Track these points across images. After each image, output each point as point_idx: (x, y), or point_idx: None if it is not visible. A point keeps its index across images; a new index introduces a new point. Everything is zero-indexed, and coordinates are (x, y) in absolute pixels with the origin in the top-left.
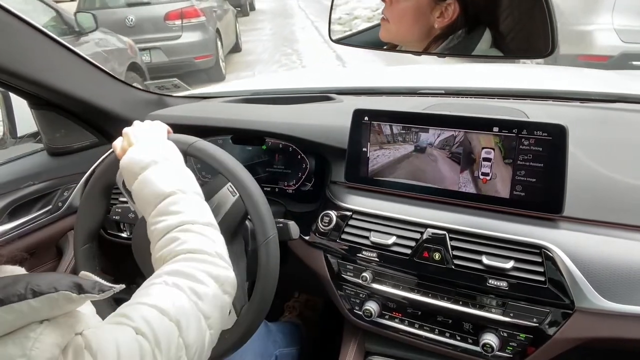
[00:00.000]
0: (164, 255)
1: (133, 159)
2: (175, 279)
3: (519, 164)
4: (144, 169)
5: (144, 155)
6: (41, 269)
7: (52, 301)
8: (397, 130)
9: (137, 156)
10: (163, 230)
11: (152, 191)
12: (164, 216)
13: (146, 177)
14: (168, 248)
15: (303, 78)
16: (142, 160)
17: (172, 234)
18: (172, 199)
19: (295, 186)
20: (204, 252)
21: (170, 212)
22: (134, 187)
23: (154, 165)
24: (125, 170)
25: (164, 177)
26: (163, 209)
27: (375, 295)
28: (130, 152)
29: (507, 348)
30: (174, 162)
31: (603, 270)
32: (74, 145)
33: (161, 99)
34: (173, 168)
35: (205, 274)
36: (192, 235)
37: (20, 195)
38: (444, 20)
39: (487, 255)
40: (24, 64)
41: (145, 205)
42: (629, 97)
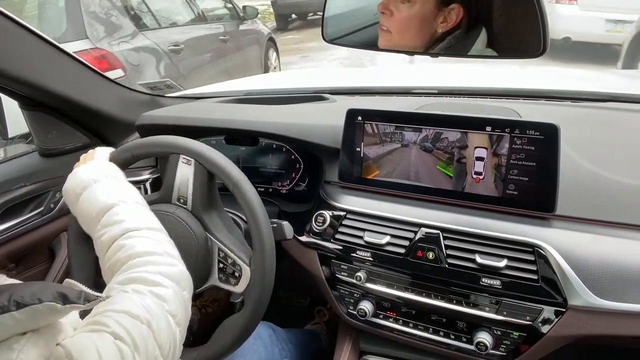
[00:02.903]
0: (112, 265)
1: (73, 180)
2: (132, 286)
3: (511, 163)
4: (85, 188)
5: (82, 176)
6: (33, 271)
7: (37, 313)
8: (390, 130)
9: (75, 179)
10: (108, 240)
11: (95, 206)
12: (107, 227)
13: (88, 195)
14: (115, 256)
15: (296, 78)
16: (83, 179)
17: (117, 243)
18: (114, 210)
19: (289, 186)
20: (153, 254)
21: (113, 223)
22: (77, 209)
23: (94, 183)
24: (67, 193)
25: (104, 191)
26: (105, 221)
27: (369, 295)
28: (69, 177)
29: (500, 346)
30: (114, 177)
31: (595, 268)
32: (66, 147)
33: (154, 100)
34: (113, 183)
35: (160, 274)
36: (137, 240)
37: (11, 197)
38: (447, 25)
39: (480, 254)
40: (14, 64)
41: (90, 223)
42: (621, 97)
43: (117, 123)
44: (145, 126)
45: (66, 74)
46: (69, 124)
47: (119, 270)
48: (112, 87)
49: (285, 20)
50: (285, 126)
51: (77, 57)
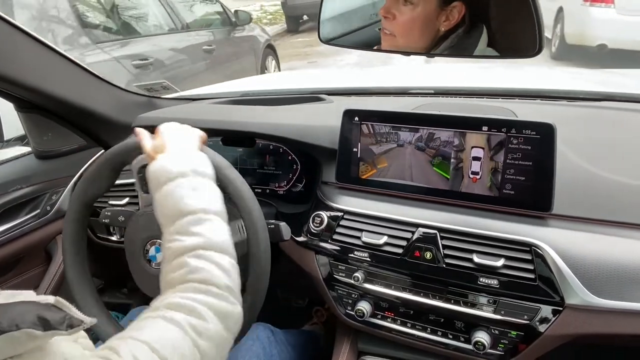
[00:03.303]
0: (172, 281)
1: (162, 167)
2: (174, 313)
3: (508, 163)
4: (170, 180)
5: (173, 165)
6: (30, 274)
7: (14, 340)
8: (387, 130)
9: (167, 165)
10: (176, 251)
11: (174, 206)
12: (180, 236)
13: (171, 190)
14: (178, 273)
15: (293, 79)
16: (171, 171)
17: (184, 258)
18: (193, 218)
19: (286, 187)
20: (213, 284)
21: (188, 233)
22: (156, 197)
23: (182, 178)
24: (152, 176)
25: (188, 193)
26: (181, 228)
27: (367, 295)
28: (161, 159)
29: (498, 345)
30: (203, 177)
31: (592, 267)
32: (62, 149)
33: (150, 101)
34: (200, 184)
35: (209, 309)
36: (205, 264)
37: (7, 199)
38: (450, 23)
39: (477, 253)
40: (10, 66)
41: (164, 219)
42: (616, 96)
43: (114, 125)
44: (141, 128)
45: (62, 75)
46: (65, 126)
47: (174, 289)
48: (109, 88)
49: (296, 22)
50: (282, 127)
51: (72, 58)
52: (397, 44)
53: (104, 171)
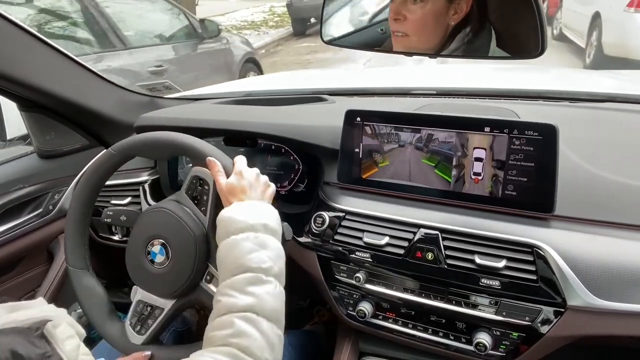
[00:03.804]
0: (214, 339)
1: (235, 217)
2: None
3: (510, 164)
4: (241, 232)
5: (246, 216)
6: (32, 273)
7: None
8: (389, 130)
9: (240, 215)
10: (227, 307)
11: (236, 259)
12: (235, 292)
13: (237, 242)
14: (221, 333)
15: (295, 79)
16: (242, 222)
17: (232, 318)
18: (252, 277)
19: (288, 187)
20: (252, 356)
21: (244, 291)
22: (220, 245)
23: (252, 232)
24: (222, 223)
25: (254, 248)
26: (238, 284)
27: (368, 296)
28: (235, 208)
29: (500, 347)
30: (272, 234)
31: (594, 269)
32: (65, 148)
33: (153, 101)
34: (268, 241)
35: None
36: (251, 330)
37: (10, 198)
38: (459, 16)
39: (479, 254)
40: (14, 66)
41: (223, 269)
42: (618, 97)
43: (116, 124)
44: (144, 127)
45: (64, 75)
46: (68, 125)
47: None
48: (111, 88)
49: (303, 25)
50: (284, 127)
51: (75, 58)
52: (410, 44)
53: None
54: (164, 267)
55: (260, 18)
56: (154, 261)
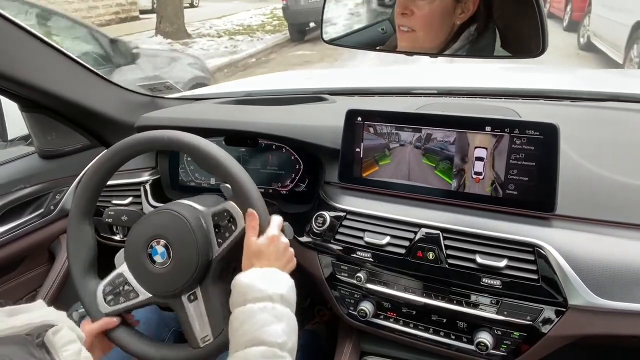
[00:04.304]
0: None
1: (253, 284)
2: None
3: (511, 163)
4: (258, 301)
5: (265, 284)
6: (33, 273)
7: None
8: (390, 130)
9: (259, 283)
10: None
11: (252, 331)
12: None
13: (254, 312)
14: None
15: (296, 79)
16: (261, 291)
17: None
18: (267, 351)
19: (288, 187)
20: None
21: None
22: (235, 311)
23: (269, 302)
24: (239, 288)
25: (271, 321)
26: (251, 357)
27: (369, 296)
28: (255, 274)
29: (501, 346)
30: (288, 306)
31: (595, 268)
32: (66, 148)
33: (153, 101)
34: (284, 314)
35: None
36: None
37: (11, 198)
38: (465, 15)
39: (480, 254)
40: (15, 66)
41: (236, 337)
42: (620, 96)
43: (117, 125)
44: (144, 127)
45: (66, 75)
46: (69, 125)
47: None
48: (112, 88)
49: (301, 30)
50: (285, 127)
51: (75, 58)
52: (416, 40)
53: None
54: (164, 267)
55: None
56: (154, 261)
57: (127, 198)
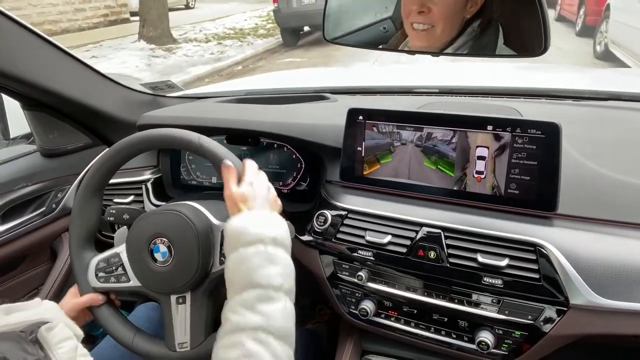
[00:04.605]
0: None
1: (244, 228)
2: None
3: (513, 162)
4: (250, 245)
5: (256, 227)
6: (35, 271)
7: None
8: (391, 129)
9: (250, 227)
10: (236, 326)
11: (246, 275)
12: (245, 310)
13: (247, 256)
14: (230, 354)
15: (297, 77)
16: (252, 235)
17: (242, 338)
18: (262, 293)
19: (290, 186)
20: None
21: (254, 310)
22: (230, 257)
23: (261, 245)
24: (230, 233)
25: (264, 263)
26: (248, 301)
27: (371, 294)
28: (245, 217)
29: (502, 345)
30: (281, 247)
31: (597, 267)
32: (68, 147)
33: (155, 100)
34: (278, 256)
35: None
36: (261, 351)
37: (13, 197)
38: (474, 9)
39: (482, 253)
40: (16, 64)
41: (232, 285)
42: (622, 95)
43: (119, 123)
44: (146, 126)
45: (67, 74)
46: (71, 124)
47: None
48: (114, 87)
49: (294, 35)
50: (286, 126)
51: (78, 57)
52: (433, 37)
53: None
54: (164, 266)
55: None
56: (156, 259)
57: (128, 197)
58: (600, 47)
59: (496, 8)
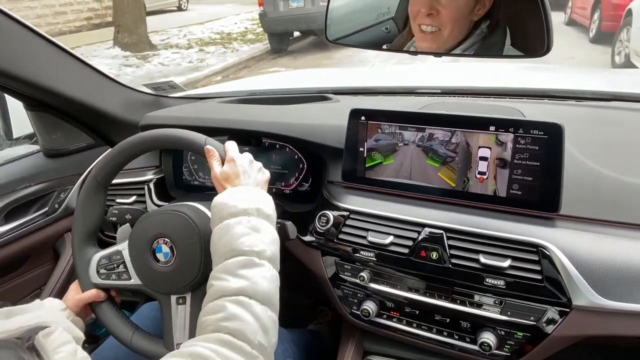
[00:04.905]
0: (205, 323)
1: (228, 201)
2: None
3: (515, 163)
4: (233, 216)
5: (239, 201)
6: (38, 271)
7: None
8: (393, 129)
9: (233, 200)
10: (219, 291)
11: (229, 243)
12: (227, 275)
13: (230, 226)
14: (213, 317)
15: (300, 78)
16: (235, 207)
17: (224, 302)
18: (244, 260)
19: (292, 186)
20: (245, 340)
21: (235, 275)
22: (214, 230)
23: (244, 216)
24: (215, 208)
25: (247, 232)
26: (230, 267)
27: (373, 295)
28: (229, 192)
29: (504, 346)
30: (266, 219)
31: (600, 268)
32: (70, 147)
33: (157, 100)
34: (261, 226)
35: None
36: (243, 313)
37: (16, 197)
38: (482, 11)
39: (484, 254)
40: (20, 65)
41: (216, 254)
42: (625, 96)
43: (121, 123)
44: (149, 127)
45: (70, 74)
46: (74, 124)
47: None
48: (116, 87)
49: (282, 40)
50: (288, 126)
51: (81, 57)
52: (441, 39)
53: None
54: (166, 266)
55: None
56: (158, 259)
57: (131, 197)
58: (620, 57)
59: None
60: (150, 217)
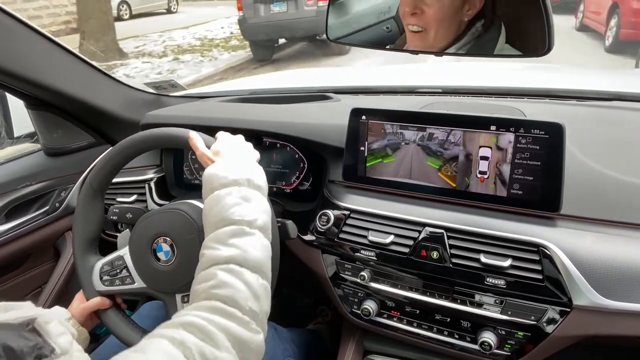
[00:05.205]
0: (198, 292)
1: (218, 172)
2: (187, 335)
3: (516, 163)
4: (224, 187)
5: (229, 171)
6: (39, 269)
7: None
8: (394, 129)
9: (223, 171)
10: (210, 260)
11: (219, 213)
12: (218, 244)
13: (221, 196)
14: (204, 285)
15: (300, 77)
16: (226, 177)
17: (215, 270)
18: (235, 229)
19: (293, 185)
20: (237, 306)
21: (226, 243)
22: (206, 201)
23: (235, 186)
24: (206, 180)
25: (238, 202)
26: (221, 236)
27: (373, 294)
28: (218, 164)
29: (505, 346)
30: (256, 189)
31: (600, 268)
32: (71, 146)
33: (158, 99)
34: (252, 195)
35: (226, 335)
36: (233, 280)
37: (17, 195)
38: (472, 11)
39: (484, 253)
40: (21, 64)
41: (208, 225)
42: (626, 96)
43: (122, 122)
44: (150, 125)
45: (72, 73)
46: (75, 123)
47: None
48: (117, 86)
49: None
50: (289, 125)
51: (82, 56)
52: (427, 39)
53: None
54: (167, 265)
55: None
56: (158, 258)
57: (131, 196)
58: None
59: (500, 8)
60: (149, 217)
